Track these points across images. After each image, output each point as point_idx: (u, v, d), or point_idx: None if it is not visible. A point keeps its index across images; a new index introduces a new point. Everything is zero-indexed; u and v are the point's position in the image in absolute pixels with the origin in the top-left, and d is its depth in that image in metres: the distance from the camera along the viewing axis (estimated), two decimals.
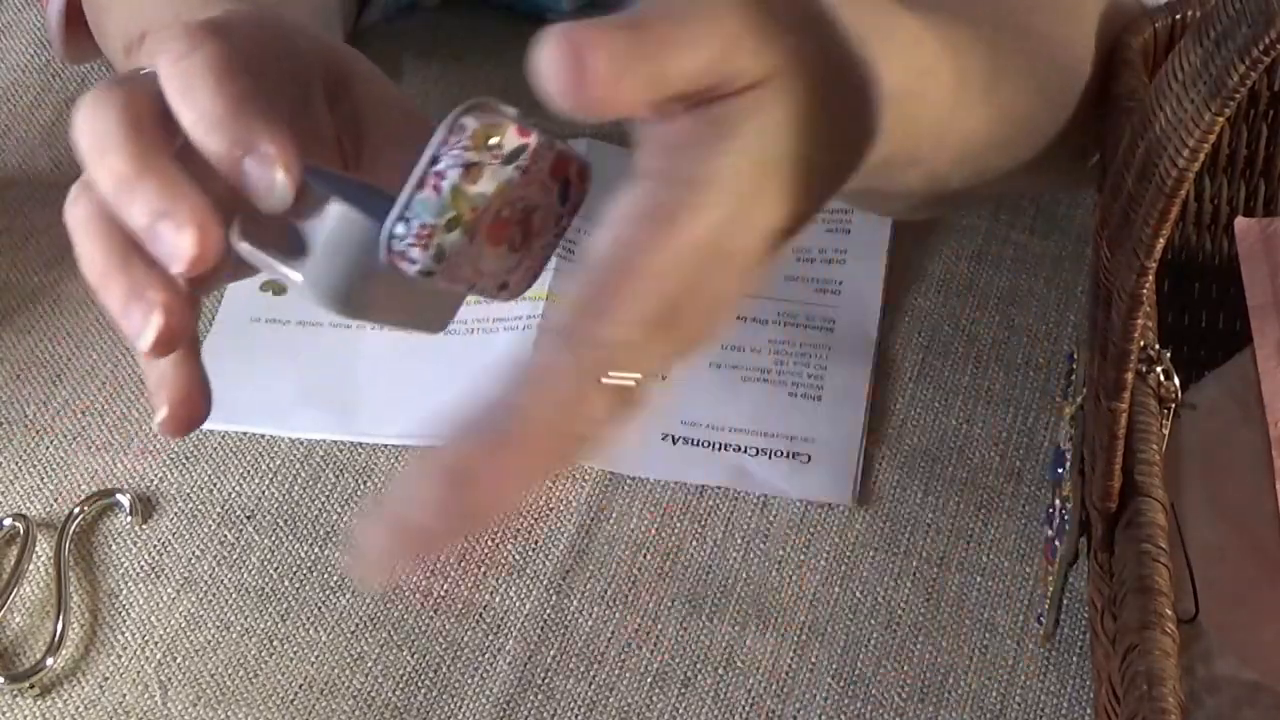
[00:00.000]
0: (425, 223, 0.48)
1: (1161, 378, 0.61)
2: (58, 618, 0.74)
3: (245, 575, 0.76)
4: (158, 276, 0.52)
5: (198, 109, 0.52)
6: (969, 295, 0.84)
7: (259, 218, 0.52)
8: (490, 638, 0.73)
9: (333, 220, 0.50)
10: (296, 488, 0.79)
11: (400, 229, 0.48)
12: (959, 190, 0.74)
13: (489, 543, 0.76)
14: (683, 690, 0.72)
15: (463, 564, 0.76)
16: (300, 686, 0.72)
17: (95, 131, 0.52)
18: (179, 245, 0.51)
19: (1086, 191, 0.87)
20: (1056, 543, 0.66)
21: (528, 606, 0.74)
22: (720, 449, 0.79)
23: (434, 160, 0.48)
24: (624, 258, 0.47)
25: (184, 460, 0.80)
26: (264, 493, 0.78)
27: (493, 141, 0.49)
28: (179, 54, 0.52)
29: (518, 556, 0.76)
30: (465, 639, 0.73)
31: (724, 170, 0.48)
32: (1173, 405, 0.61)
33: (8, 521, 0.77)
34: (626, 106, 0.47)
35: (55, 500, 0.78)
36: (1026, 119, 0.69)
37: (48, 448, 0.80)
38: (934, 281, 0.85)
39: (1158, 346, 0.61)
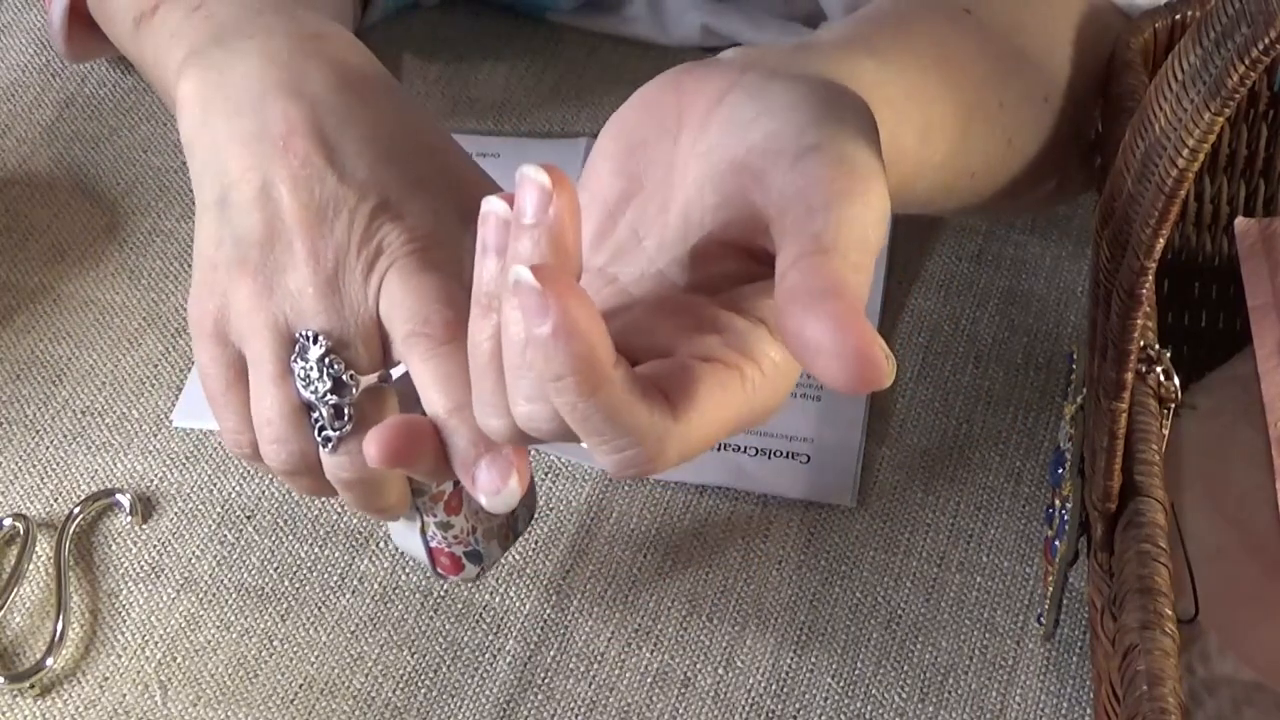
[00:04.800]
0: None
1: (1161, 378, 0.61)
2: (58, 618, 0.74)
3: (245, 575, 0.76)
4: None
5: (455, 399, 0.59)
6: (969, 295, 0.84)
7: None
8: (490, 638, 0.73)
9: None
10: None
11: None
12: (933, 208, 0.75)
13: None
14: (683, 690, 0.72)
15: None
16: (300, 686, 0.72)
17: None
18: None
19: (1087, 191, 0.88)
20: (1056, 543, 0.66)
21: (528, 606, 0.74)
22: (720, 449, 0.79)
23: None
24: None
25: (184, 460, 0.80)
26: (264, 493, 0.78)
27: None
28: (438, 341, 0.60)
29: (518, 556, 0.76)
30: (465, 639, 0.73)
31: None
32: (1173, 405, 0.61)
33: (8, 521, 0.77)
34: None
35: (55, 500, 0.78)
36: (996, 164, 0.70)
37: (48, 448, 0.80)
38: (934, 281, 0.85)
39: (1158, 346, 0.61)
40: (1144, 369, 0.60)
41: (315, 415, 0.61)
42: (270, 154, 0.62)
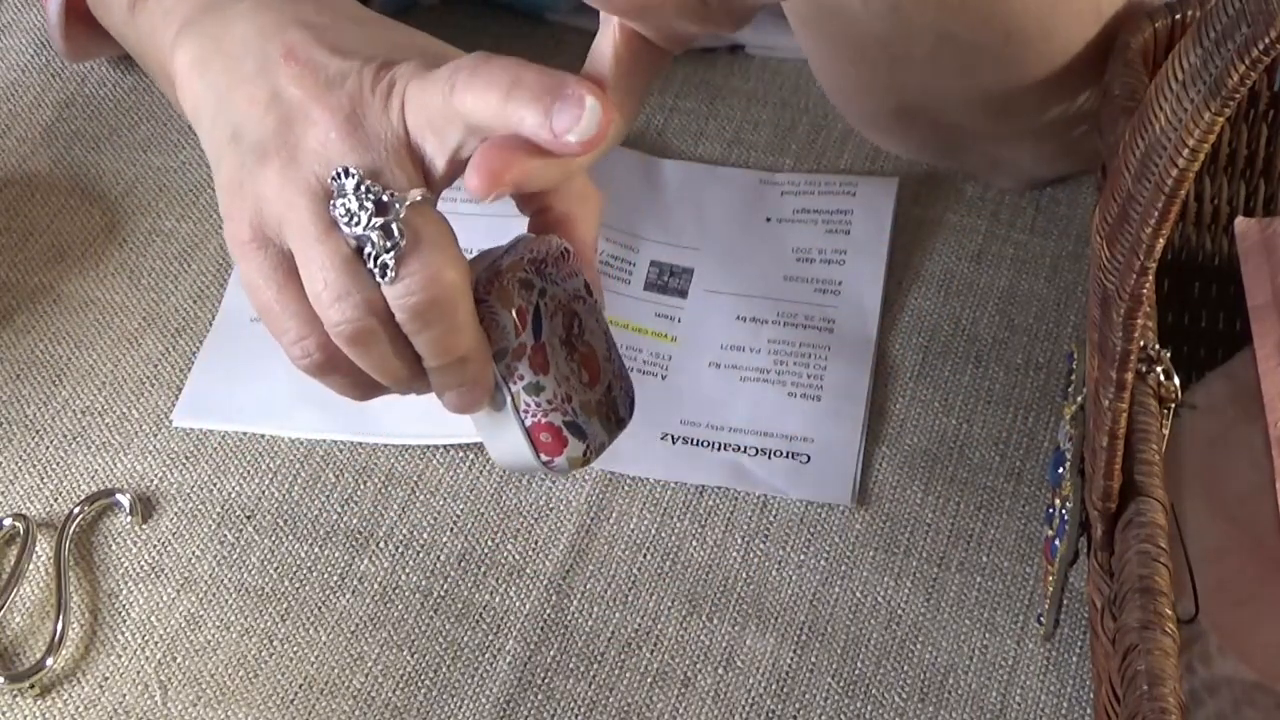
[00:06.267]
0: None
1: (1161, 378, 0.61)
2: (58, 618, 0.74)
3: (245, 575, 0.76)
4: None
5: (505, 86, 0.60)
6: (969, 295, 0.84)
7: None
8: (490, 638, 0.73)
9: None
10: (296, 488, 0.79)
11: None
12: (934, 87, 0.73)
13: (489, 543, 0.76)
14: (683, 690, 0.72)
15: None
16: (300, 686, 0.72)
17: None
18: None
19: (1086, 189, 0.88)
20: (1056, 543, 0.66)
21: (528, 606, 0.74)
22: (720, 449, 0.79)
23: None
24: None
25: (184, 460, 0.80)
26: (264, 493, 0.78)
27: None
28: (476, 62, 0.61)
29: (518, 556, 0.76)
30: (465, 639, 0.73)
31: None
32: (1173, 405, 0.61)
33: (8, 521, 0.77)
34: None
35: (55, 500, 0.78)
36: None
37: (48, 448, 0.80)
38: (934, 281, 0.85)
39: (1158, 346, 0.61)
40: (1144, 369, 0.60)
41: (368, 250, 0.60)
42: (273, 71, 0.63)
